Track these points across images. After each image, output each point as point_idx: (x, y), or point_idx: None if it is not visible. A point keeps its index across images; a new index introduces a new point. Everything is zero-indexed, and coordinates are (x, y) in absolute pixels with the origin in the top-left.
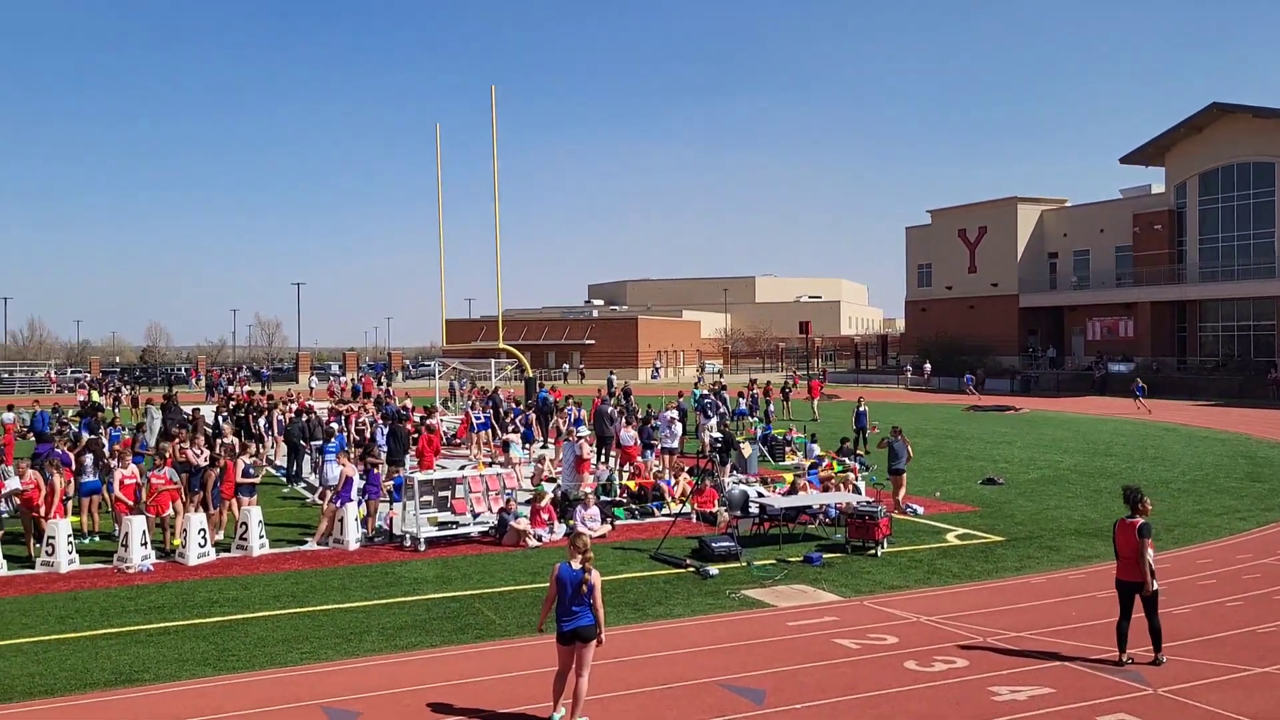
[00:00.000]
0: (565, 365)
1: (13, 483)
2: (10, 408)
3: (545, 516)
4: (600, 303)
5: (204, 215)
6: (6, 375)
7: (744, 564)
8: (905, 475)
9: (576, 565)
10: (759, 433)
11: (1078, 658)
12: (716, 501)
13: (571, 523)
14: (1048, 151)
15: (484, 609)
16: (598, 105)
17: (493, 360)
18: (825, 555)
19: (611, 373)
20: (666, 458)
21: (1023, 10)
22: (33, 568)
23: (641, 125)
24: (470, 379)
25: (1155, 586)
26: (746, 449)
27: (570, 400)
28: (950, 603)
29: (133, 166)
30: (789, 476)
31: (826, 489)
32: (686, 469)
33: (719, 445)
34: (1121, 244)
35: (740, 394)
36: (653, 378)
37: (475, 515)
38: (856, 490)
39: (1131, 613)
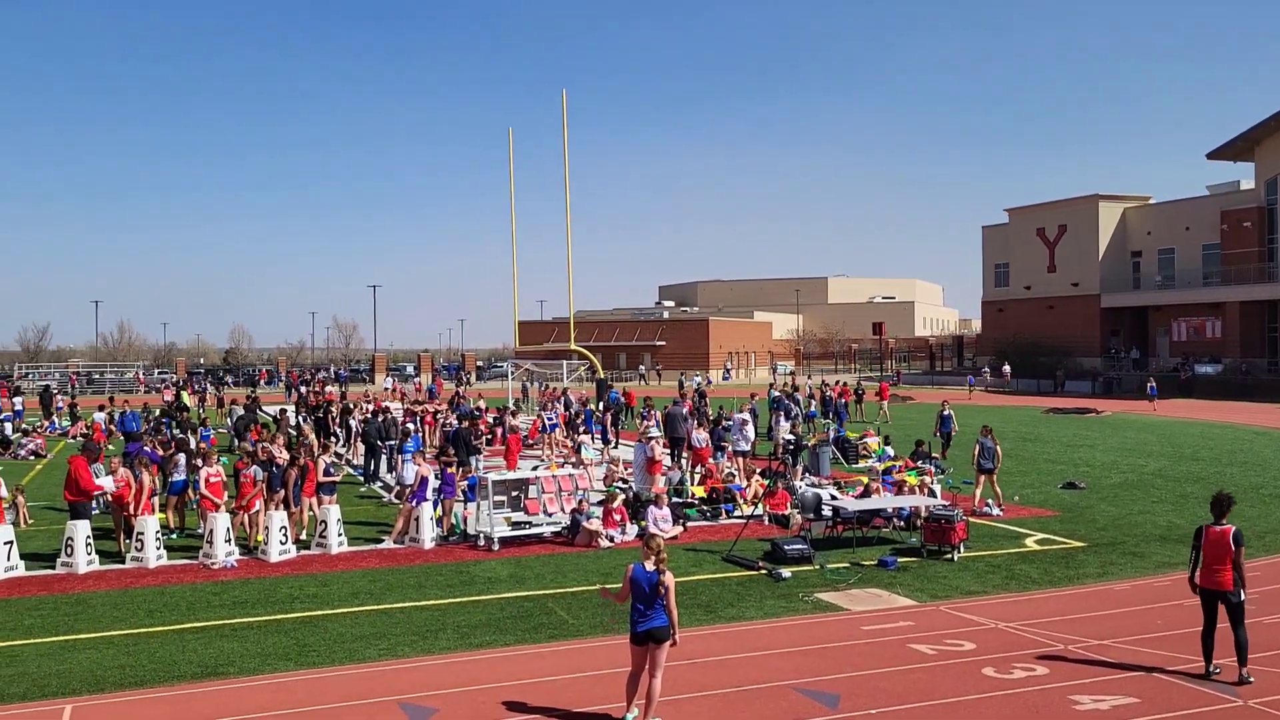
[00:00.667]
0: (642, 366)
1: (106, 481)
2: (102, 408)
3: (617, 518)
4: (671, 304)
5: (285, 218)
6: (97, 375)
7: (817, 567)
8: (995, 474)
9: (650, 566)
10: (831, 435)
11: (1163, 668)
12: (789, 504)
13: (643, 524)
14: (1130, 148)
15: (557, 609)
16: (668, 106)
17: (564, 361)
18: (900, 559)
19: (696, 375)
20: (740, 460)
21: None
22: (123, 563)
23: (712, 125)
24: (544, 380)
25: (1244, 596)
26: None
27: (648, 402)
28: (1029, 609)
29: (215, 172)
30: (864, 479)
31: (901, 492)
32: (758, 471)
33: (791, 447)
34: (1209, 242)
35: (811, 395)
36: (724, 379)
37: (548, 515)
38: (932, 493)
39: (1216, 621)
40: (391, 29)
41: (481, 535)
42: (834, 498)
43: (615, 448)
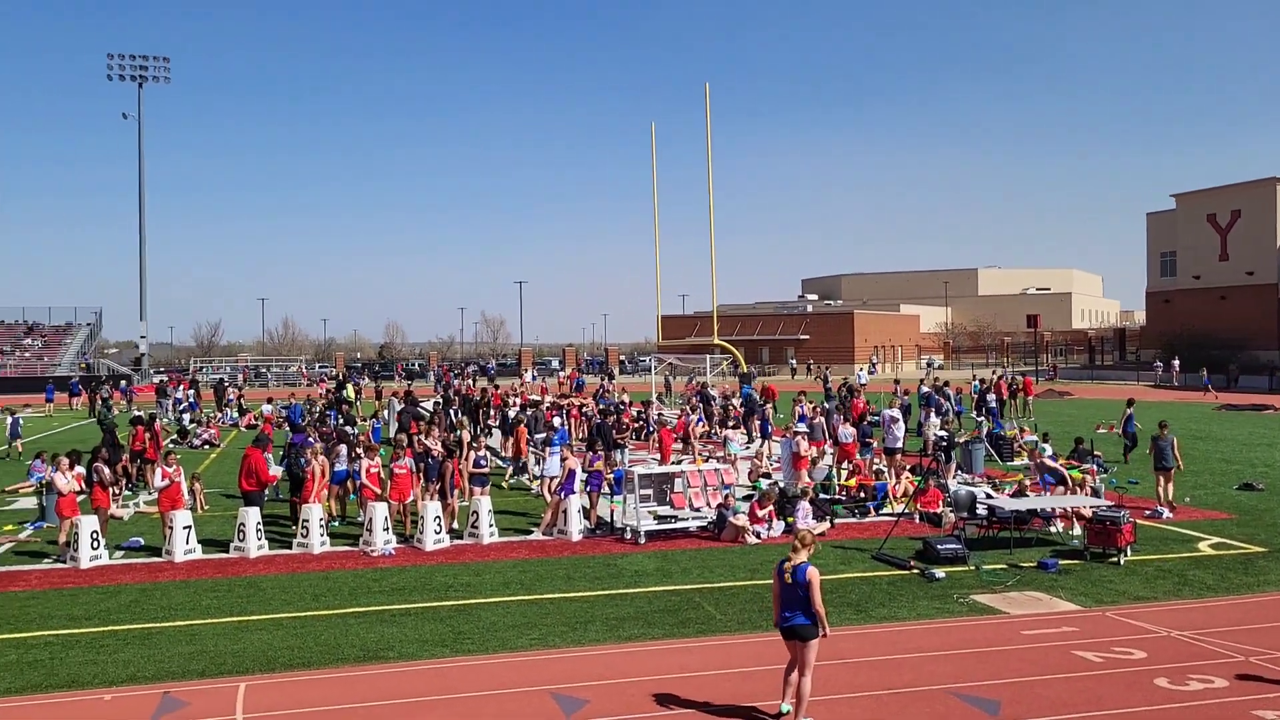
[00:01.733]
0: (793, 360)
1: (278, 471)
2: (270, 400)
3: (764, 514)
4: (814, 297)
5: (436, 216)
6: (264, 369)
7: (972, 568)
8: (1172, 473)
9: (796, 561)
10: (984, 431)
11: None
12: (941, 502)
13: (790, 520)
14: None
15: (704, 604)
16: (812, 97)
17: (707, 356)
18: (1061, 561)
19: (865, 366)
20: (890, 457)
21: None
22: (290, 548)
23: (855, 116)
24: (690, 375)
25: None
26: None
27: (803, 396)
28: (1205, 617)
29: (371, 173)
30: (1019, 476)
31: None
32: (909, 468)
33: (943, 444)
34: None
35: (959, 390)
36: (869, 373)
37: (694, 510)
38: (1095, 493)
39: None
40: (536, 28)
41: (628, 529)
42: (989, 496)
43: (749, 443)
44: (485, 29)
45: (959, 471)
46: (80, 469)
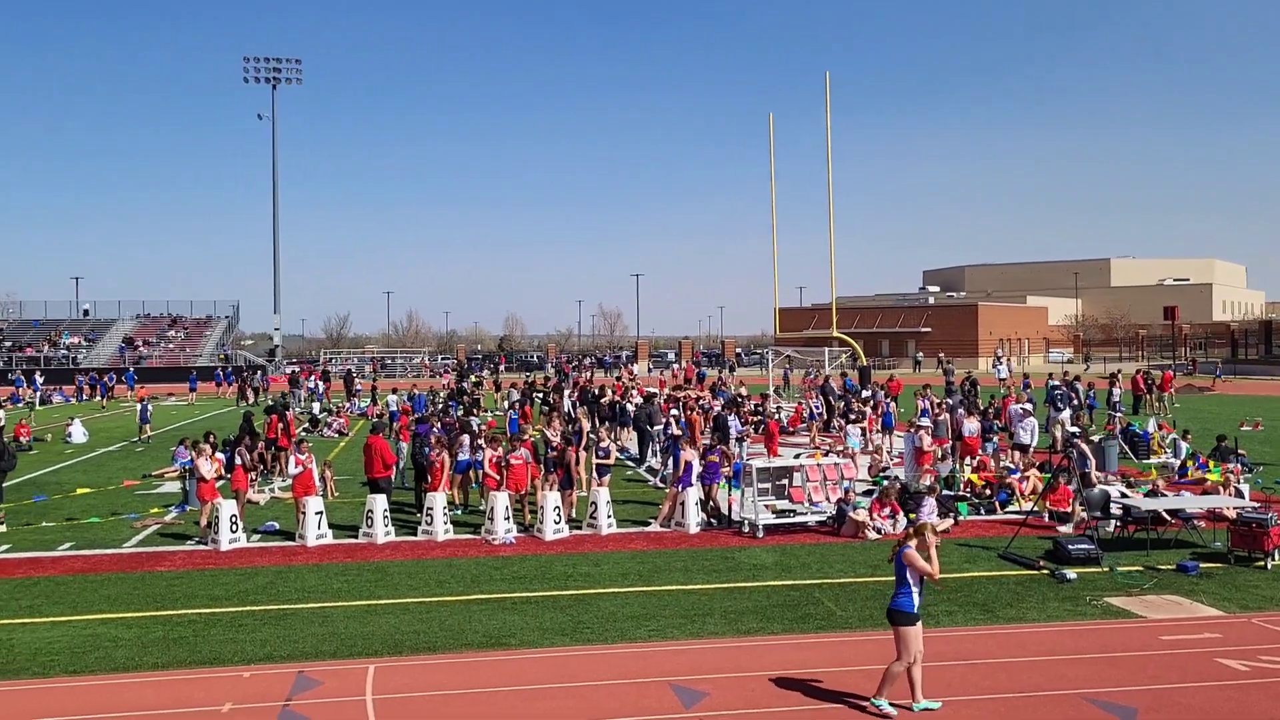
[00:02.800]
0: (921, 353)
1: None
2: (394, 390)
3: (887, 510)
4: (936, 289)
5: (554, 209)
6: (390, 361)
7: (1106, 569)
8: None
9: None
10: (1118, 428)
11: None
12: (1072, 501)
13: (913, 516)
14: None
15: (824, 599)
16: (932, 84)
17: (825, 349)
18: (1202, 564)
19: (1003, 360)
20: (1019, 454)
21: None
22: (415, 536)
23: (979, 101)
24: (807, 368)
25: None
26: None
27: (926, 389)
28: None
29: (490, 168)
30: (1154, 475)
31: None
32: (1037, 465)
33: (1075, 440)
34: None
35: (1091, 385)
36: (993, 367)
37: (813, 504)
38: (1239, 494)
39: None
40: (652, 19)
41: (746, 522)
42: (1123, 495)
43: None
44: (599, 23)
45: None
46: (221, 455)
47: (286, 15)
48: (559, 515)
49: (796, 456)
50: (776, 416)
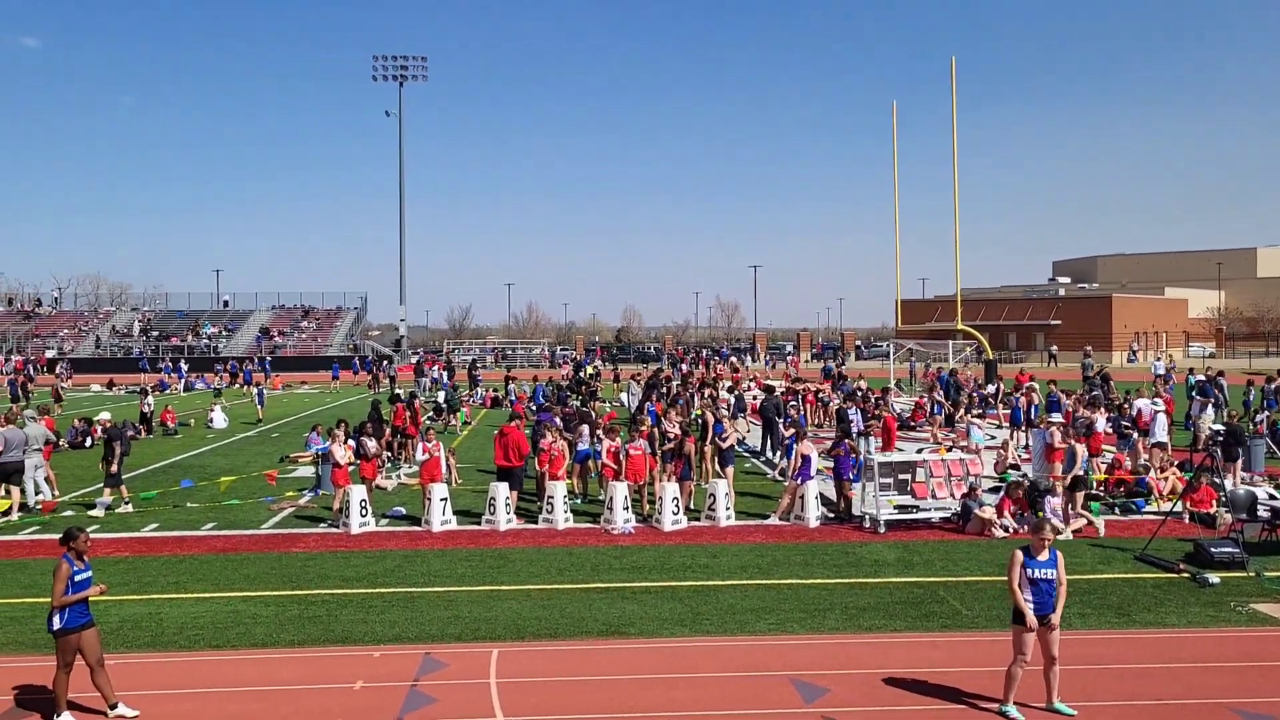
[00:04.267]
0: (1054, 346)
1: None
2: (511, 379)
3: (1014, 508)
4: (1067, 280)
5: (672, 200)
6: (510, 352)
7: (1252, 574)
8: None
9: (1040, 557)
10: (1266, 428)
11: None
12: (1215, 502)
13: (1041, 514)
14: None
15: (949, 598)
16: (1061, 66)
17: (950, 342)
18: None
19: (1163, 357)
20: (1156, 451)
21: None
22: (535, 524)
23: (1111, 83)
24: (928, 361)
25: None
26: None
27: (1053, 385)
28: None
29: (607, 160)
30: None
31: None
32: (1176, 464)
33: (1220, 439)
34: None
35: (1250, 382)
36: (1129, 361)
37: (936, 500)
38: None
39: None
40: (771, 5)
41: (867, 517)
42: (1271, 497)
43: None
44: (714, 13)
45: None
46: (352, 442)
47: (413, 14)
48: (677, 506)
49: (919, 451)
50: (894, 411)
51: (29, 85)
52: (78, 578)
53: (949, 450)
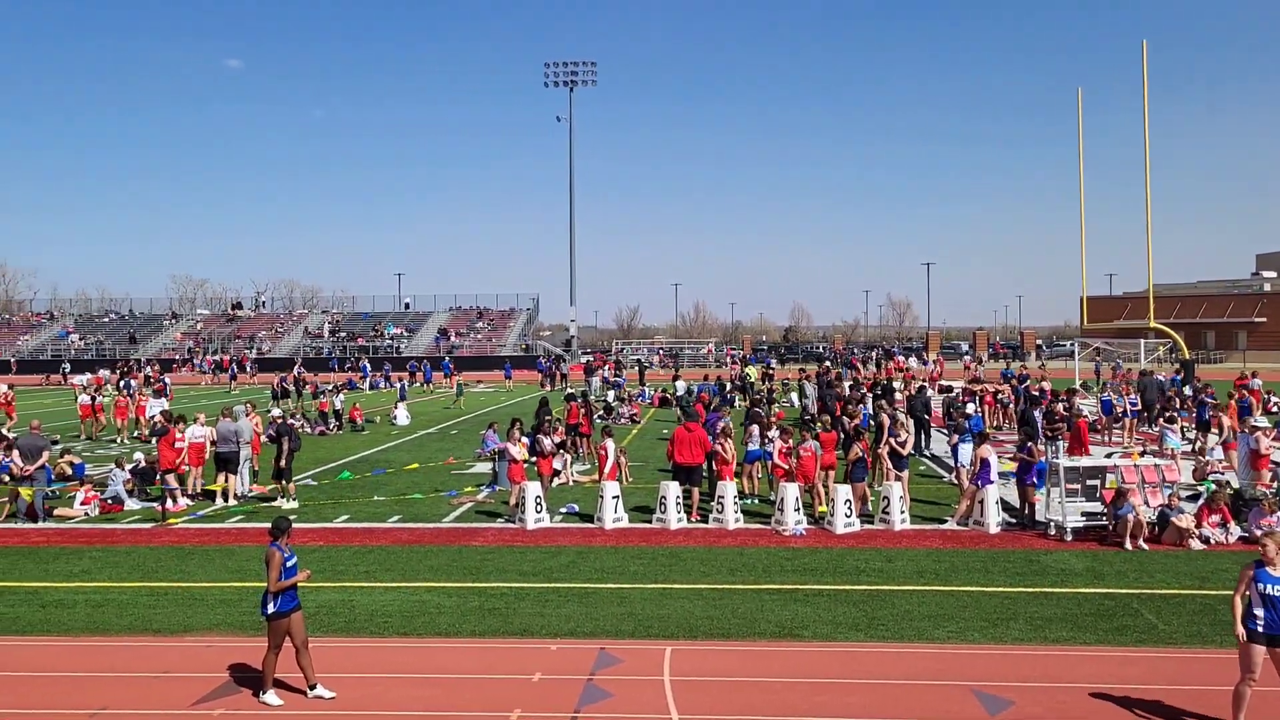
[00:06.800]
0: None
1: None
2: (675, 377)
3: (1217, 517)
4: (1272, 274)
5: (840, 196)
6: (678, 351)
7: None
8: None
9: (1276, 572)
10: None
11: None
12: None
13: (1245, 524)
14: None
15: (1144, 610)
16: (1260, 47)
17: (1141, 341)
18: None
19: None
20: None
21: None
22: (705, 522)
23: None
24: (1117, 361)
25: None
26: None
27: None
28: None
29: (775, 159)
30: None
31: None
32: None
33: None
34: None
35: None
36: None
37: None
38: None
39: None
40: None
41: (1052, 524)
42: None
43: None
44: (881, 8)
45: None
46: (526, 439)
47: (583, 19)
48: (850, 509)
49: (1109, 456)
50: (1085, 414)
51: (234, 104)
52: (288, 564)
53: (1141, 455)
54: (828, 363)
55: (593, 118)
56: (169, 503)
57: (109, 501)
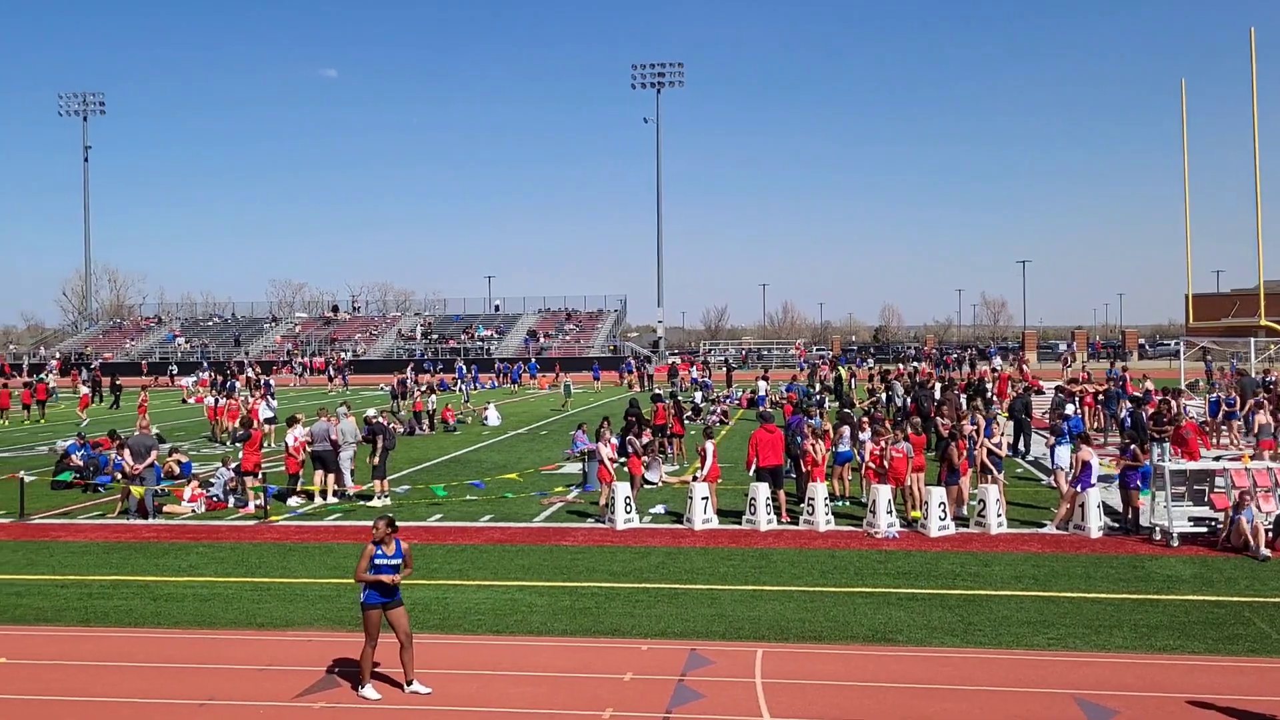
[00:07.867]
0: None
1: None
2: (762, 378)
3: None
4: None
5: (931, 194)
6: (765, 352)
7: None
8: None
9: None
10: None
11: None
12: None
13: None
14: None
15: (1256, 619)
16: None
17: (1251, 339)
18: None
19: None
20: None
21: None
22: (796, 525)
23: None
24: (1224, 362)
25: None
26: None
27: None
28: None
29: (863, 159)
30: None
31: None
32: None
33: None
34: None
35: None
36: None
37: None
38: None
39: None
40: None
41: (1157, 529)
42: None
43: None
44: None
45: None
46: (615, 440)
47: (670, 21)
48: (944, 511)
49: (1217, 459)
50: (1192, 416)
51: (330, 112)
52: (377, 560)
53: (1253, 458)
54: (921, 363)
55: (680, 119)
56: (249, 504)
57: (215, 499)
